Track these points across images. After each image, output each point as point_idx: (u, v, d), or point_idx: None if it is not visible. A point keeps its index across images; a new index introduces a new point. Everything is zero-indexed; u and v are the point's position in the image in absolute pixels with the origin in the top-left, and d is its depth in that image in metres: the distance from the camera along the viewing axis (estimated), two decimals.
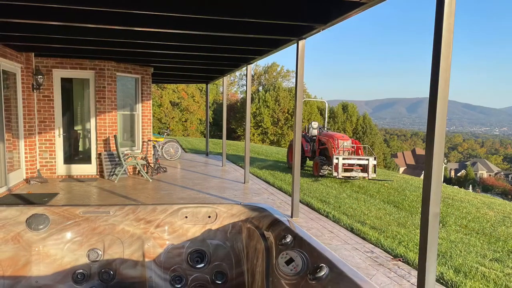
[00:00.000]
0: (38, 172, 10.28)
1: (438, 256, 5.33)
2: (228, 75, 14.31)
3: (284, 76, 56.17)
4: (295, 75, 7.17)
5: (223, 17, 5.92)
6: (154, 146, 12.70)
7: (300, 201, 8.28)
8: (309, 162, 14.42)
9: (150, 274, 3.17)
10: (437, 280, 4.59)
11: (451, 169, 72.92)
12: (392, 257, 5.44)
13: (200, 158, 16.19)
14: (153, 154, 12.43)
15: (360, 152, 12.38)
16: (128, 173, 11.27)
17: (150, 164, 11.69)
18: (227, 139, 17.26)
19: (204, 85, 38.66)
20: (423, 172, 3.97)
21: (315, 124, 14.18)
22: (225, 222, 3.32)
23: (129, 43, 8.21)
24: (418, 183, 12.26)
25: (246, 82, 10.74)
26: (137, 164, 10.73)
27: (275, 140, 45.76)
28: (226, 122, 14.10)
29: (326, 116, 19.60)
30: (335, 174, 11.44)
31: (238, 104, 47.62)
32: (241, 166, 13.76)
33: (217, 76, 14.31)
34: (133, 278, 3.17)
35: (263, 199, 8.85)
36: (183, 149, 20.04)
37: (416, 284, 4.09)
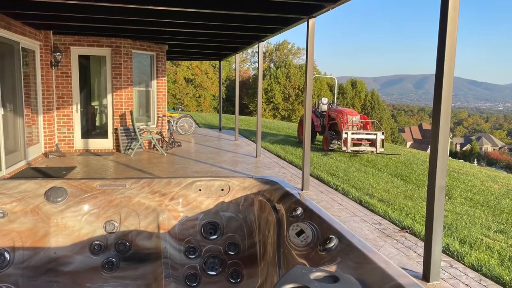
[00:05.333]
0: (56, 146, 10.52)
1: (444, 228, 5.40)
2: (241, 52, 14.35)
3: (295, 54, 55.47)
4: (305, 52, 7.22)
5: None
6: (168, 121, 12.87)
7: (310, 175, 8.34)
8: (319, 137, 14.54)
9: (165, 245, 3.22)
10: (443, 251, 4.66)
11: (456, 143, 72.24)
12: (399, 228, 5.56)
13: (213, 133, 16.36)
14: (168, 129, 12.59)
15: (368, 127, 12.49)
16: (144, 148, 11.48)
17: (165, 139, 11.85)
18: (239, 114, 17.34)
19: (217, 62, 38.43)
20: (429, 146, 4.02)
21: (325, 100, 14.27)
22: (237, 195, 3.35)
23: (145, 21, 8.30)
24: (424, 157, 12.29)
25: (258, 59, 10.82)
26: (152, 138, 10.90)
27: (286, 115, 45.65)
28: (238, 98, 14.22)
29: (336, 92, 19.59)
30: (344, 148, 11.58)
31: (250, 80, 47.34)
32: (253, 141, 13.90)
33: (230, 53, 14.36)
34: (148, 249, 3.22)
35: (274, 172, 8.98)
36: (197, 124, 20.18)
37: (422, 255, 4.18)
